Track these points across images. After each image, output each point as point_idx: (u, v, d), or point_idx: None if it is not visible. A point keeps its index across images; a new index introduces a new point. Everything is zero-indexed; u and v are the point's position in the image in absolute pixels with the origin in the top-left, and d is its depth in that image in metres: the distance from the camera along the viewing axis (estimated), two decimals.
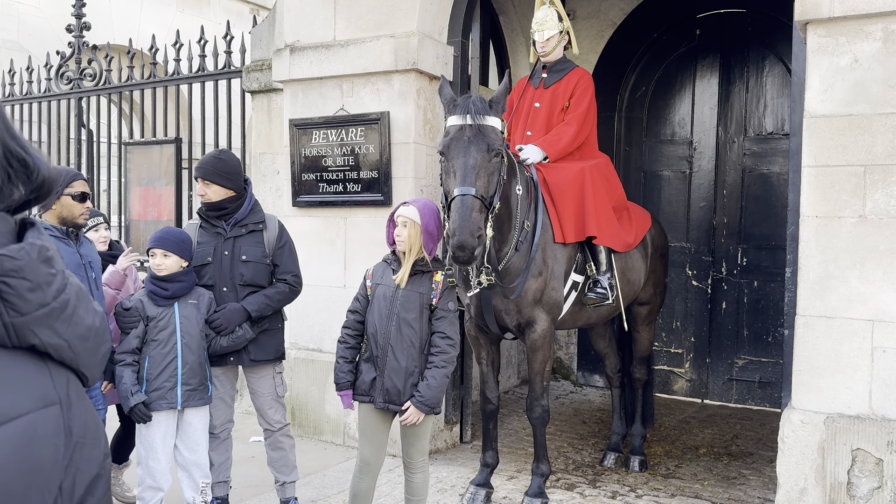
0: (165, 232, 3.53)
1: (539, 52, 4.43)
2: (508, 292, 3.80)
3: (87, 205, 3.34)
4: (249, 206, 3.70)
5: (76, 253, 3.30)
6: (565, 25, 4.41)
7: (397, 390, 3.17)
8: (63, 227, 3.28)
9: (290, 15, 5.32)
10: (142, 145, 6.77)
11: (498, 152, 3.41)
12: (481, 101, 3.45)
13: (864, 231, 3.51)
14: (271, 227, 3.73)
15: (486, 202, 3.35)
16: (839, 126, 3.56)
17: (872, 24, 3.50)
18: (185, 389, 3.41)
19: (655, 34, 6.99)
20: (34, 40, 9.18)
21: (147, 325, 3.40)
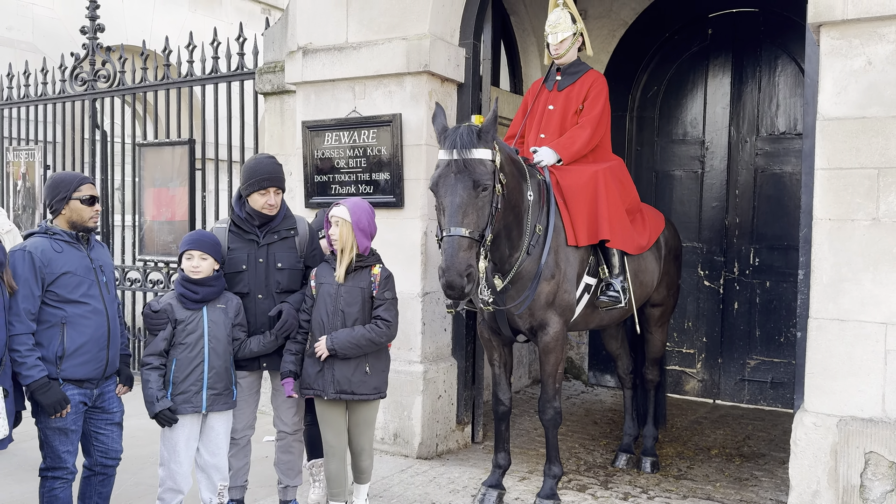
0: (201, 234, 3.52)
1: (553, 55, 4.43)
2: (513, 309, 3.86)
3: (95, 208, 3.32)
4: (283, 213, 3.70)
5: (86, 257, 3.29)
6: (579, 27, 4.41)
7: (347, 380, 3.50)
8: (73, 232, 3.27)
9: (303, 17, 5.35)
10: (155, 146, 6.82)
11: (486, 187, 3.41)
12: (469, 134, 3.43)
13: (877, 234, 3.50)
14: (301, 230, 3.73)
15: (478, 236, 3.38)
16: (852, 128, 3.55)
17: (886, 26, 3.49)
18: (210, 394, 3.42)
19: (667, 34, 6.98)
20: (48, 41, 9.25)
21: (175, 329, 3.40)
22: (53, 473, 3.26)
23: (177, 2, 10.93)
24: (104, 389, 3.36)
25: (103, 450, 3.41)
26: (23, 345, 3.05)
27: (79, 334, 3.19)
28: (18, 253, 3.14)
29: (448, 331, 5.21)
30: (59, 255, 3.18)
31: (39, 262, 3.12)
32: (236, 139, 6.40)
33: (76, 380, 3.21)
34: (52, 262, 3.15)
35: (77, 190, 3.26)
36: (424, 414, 4.90)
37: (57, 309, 3.15)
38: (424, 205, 4.91)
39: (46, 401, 3.07)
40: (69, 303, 3.17)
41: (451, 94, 5.15)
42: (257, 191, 3.56)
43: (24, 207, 7.84)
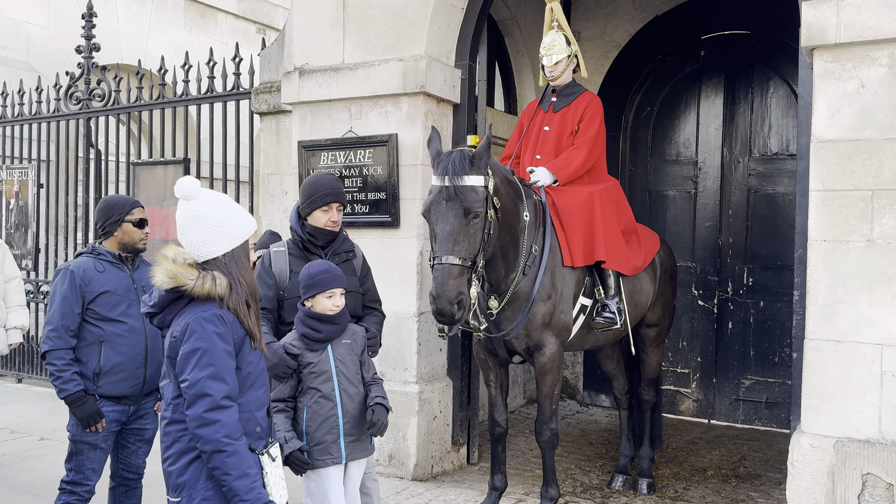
0: (331, 266, 3.17)
1: (548, 77, 4.46)
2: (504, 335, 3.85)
3: (145, 230, 3.47)
4: (343, 235, 3.58)
5: (129, 277, 3.42)
6: (573, 49, 4.45)
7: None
8: (117, 253, 3.42)
9: (300, 38, 5.37)
10: (150, 165, 6.81)
11: (477, 214, 3.41)
12: (461, 160, 3.43)
13: (872, 255, 3.52)
14: (358, 254, 3.61)
15: (469, 263, 3.38)
16: (846, 151, 3.58)
17: (879, 50, 3.53)
18: (348, 441, 3.09)
19: (660, 55, 7.04)
20: (43, 60, 9.26)
21: (301, 373, 3.10)
22: (73, 489, 3.33)
23: (172, 21, 10.97)
24: (141, 405, 3.44)
25: (126, 463, 3.49)
26: (60, 359, 3.21)
27: (115, 352, 3.30)
28: (62, 271, 3.32)
29: (443, 350, 5.19)
30: (101, 275, 3.33)
31: (80, 281, 3.27)
32: (231, 158, 6.40)
33: (113, 396, 3.31)
34: (92, 281, 3.30)
35: (129, 213, 3.42)
36: (420, 435, 4.87)
37: (95, 327, 3.29)
38: (420, 224, 4.92)
39: (81, 414, 3.22)
40: (107, 321, 3.30)
41: (447, 115, 5.17)
42: (320, 207, 3.43)
43: (16, 226, 7.81)
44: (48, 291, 7.63)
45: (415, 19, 4.94)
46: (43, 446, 5.55)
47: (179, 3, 11.08)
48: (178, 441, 2.28)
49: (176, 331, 2.28)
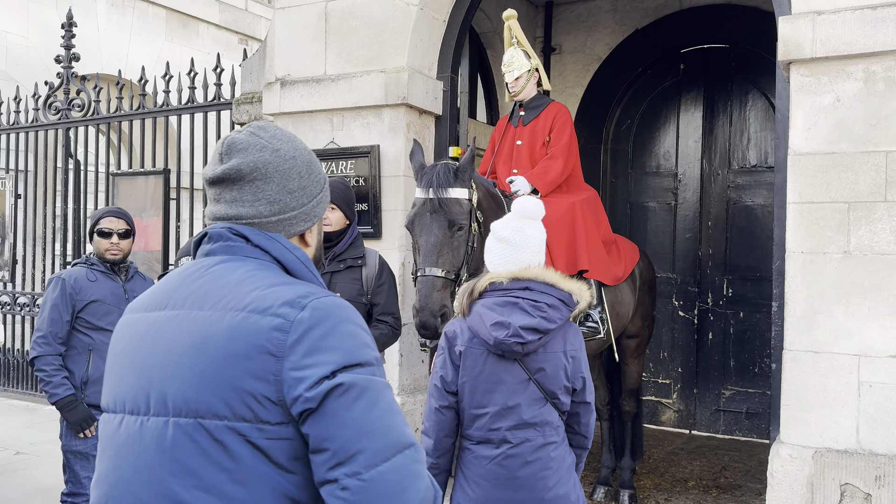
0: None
1: (511, 92, 4.51)
2: None
3: (112, 240, 3.43)
4: (350, 240, 3.50)
5: (121, 287, 3.44)
6: (534, 63, 4.48)
7: None
8: (107, 264, 3.45)
9: (281, 49, 5.37)
10: (129, 176, 6.76)
11: (461, 226, 3.41)
12: (446, 173, 3.42)
13: (848, 267, 3.56)
14: (371, 262, 3.53)
15: (452, 276, 3.37)
16: (823, 163, 3.63)
17: (854, 64, 3.59)
18: None
19: (640, 68, 7.11)
20: (22, 69, 9.18)
21: None
22: (74, 500, 3.33)
23: (154, 31, 10.92)
24: None
25: None
26: (49, 365, 3.25)
27: (104, 361, 3.27)
28: (54, 279, 3.37)
29: (425, 362, 5.18)
30: (92, 284, 3.36)
31: (71, 289, 3.31)
32: None
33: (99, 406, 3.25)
34: (83, 290, 3.34)
35: (97, 223, 3.44)
36: None
37: (85, 335, 3.33)
38: (402, 235, 4.91)
39: (73, 418, 3.24)
40: (97, 330, 3.34)
41: (429, 126, 5.18)
42: None
43: None
44: (25, 303, 7.53)
45: (397, 31, 4.95)
46: (19, 461, 5.46)
47: (161, 14, 11.04)
48: (566, 458, 2.47)
49: (575, 349, 2.45)
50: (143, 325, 1.26)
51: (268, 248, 1.28)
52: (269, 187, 1.30)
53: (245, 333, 1.15)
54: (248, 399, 1.13)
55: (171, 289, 1.28)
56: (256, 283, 1.21)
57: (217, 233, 1.30)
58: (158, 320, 1.24)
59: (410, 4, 4.89)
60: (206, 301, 1.21)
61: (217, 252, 1.29)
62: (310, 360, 1.13)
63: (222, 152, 1.32)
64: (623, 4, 7.14)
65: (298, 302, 1.17)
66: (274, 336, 1.14)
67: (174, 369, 1.18)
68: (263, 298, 1.17)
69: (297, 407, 1.12)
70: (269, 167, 1.30)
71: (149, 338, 1.24)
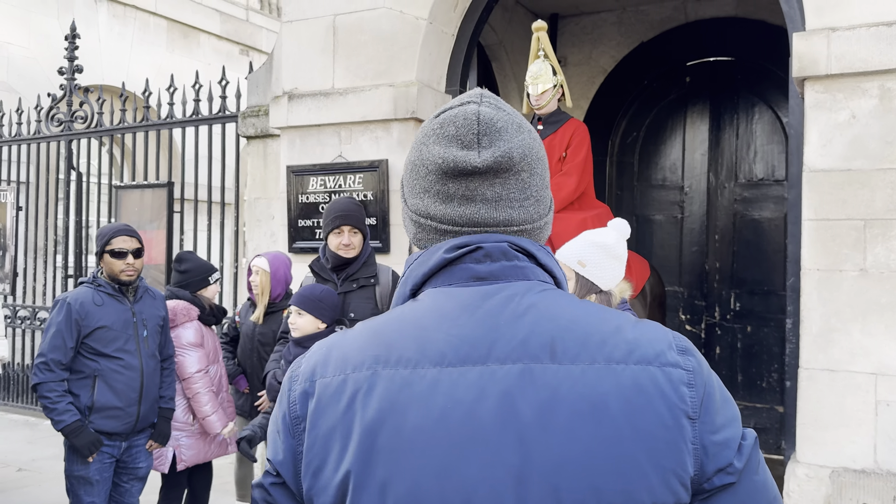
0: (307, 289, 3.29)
1: (533, 105, 4.47)
2: None
3: (127, 261, 3.29)
4: (364, 259, 3.47)
5: (128, 310, 3.30)
6: (559, 79, 4.46)
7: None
8: (115, 285, 3.31)
9: (289, 63, 5.34)
10: (133, 189, 6.72)
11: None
12: None
13: (865, 285, 3.54)
14: (384, 280, 3.48)
15: None
16: (838, 180, 3.61)
17: (869, 81, 3.57)
18: None
19: (646, 81, 7.10)
20: (23, 81, 9.14)
21: None
22: None
23: (155, 42, 10.90)
24: (133, 443, 3.34)
25: (118, 501, 3.40)
26: (52, 391, 3.13)
27: (109, 388, 3.21)
28: (60, 302, 3.23)
29: None
30: (98, 309, 3.23)
31: (77, 314, 3.18)
32: (217, 181, 6.34)
33: (104, 432, 3.22)
34: (89, 315, 3.20)
35: (109, 243, 3.29)
36: None
37: (91, 361, 3.20)
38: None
39: (81, 442, 3.14)
40: (103, 356, 3.21)
41: None
42: (332, 231, 3.38)
43: None
44: (26, 316, 7.47)
45: (406, 45, 4.93)
46: (21, 478, 5.40)
47: (162, 24, 11.02)
48: None
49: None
50: (456, 389, 0.87)
51: (552, 269, 0.99)
52: (534, 181, 0.98)
53: (652, 393, 0.87)
54: (669, 479, 0.85)
55: (472, 333, 0.90)
56: (606, 321, 0.93)
57: (499, 249, 0.95)
58: (483, 380, 0.87)
59: (420, 19, 4.87)
60: (556, 350, 0.89)
61: (500, 275, 0.95)
62: (721, 418, 0.90)
63: (479, 132, 0.95)
64: (628, 17, 7.14)
65: (680, 345, 0.92)
66: (684, 393, 0.88)
67: (559, 449, 0.84)
68: (642, 344, 0.90)
69: (717, 480, 0.88)
70: (532, 154, 0.98)
71: (481, 406, 0.86)
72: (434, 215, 0.98)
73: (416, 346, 0.90)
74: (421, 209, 0.99)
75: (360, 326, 0.98)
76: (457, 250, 0.95)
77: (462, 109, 0.97)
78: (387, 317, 0.97)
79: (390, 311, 0.99)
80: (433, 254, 0.97)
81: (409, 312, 0.95)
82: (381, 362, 0.91)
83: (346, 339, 0.96)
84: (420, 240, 1.00)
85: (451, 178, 0.96)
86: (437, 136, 0.97)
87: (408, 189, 1.02)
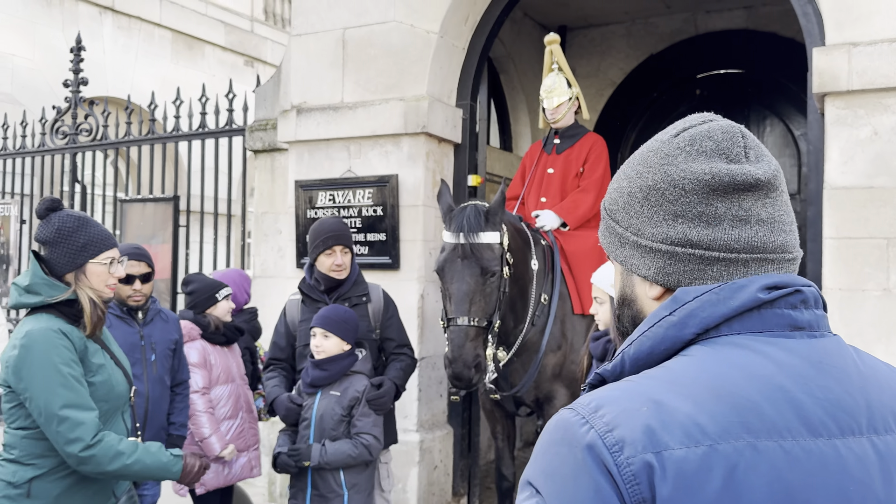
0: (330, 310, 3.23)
1: (549, 119, 4.41)
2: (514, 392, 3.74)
3: (135, 286, 3.19)
4: (354, 278, 3.44)
5: (137, 333, 3.20)
6: (575, 91, 4.40)
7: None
8: (123, 307, 3.21)
9: (297, 76, 5.29)
10: (138, 202, 6.65)
11: (494, 272, 3.30)
12: (476, 216, 3.31)
13: (888, 304, 3.46)
14: (375, 297, 3.46)
15: (485, 323, 3.28)
16: (860, 198, 3.54)
17: (891, 97, 3.50)
18: (313, 494, 3.09)
19: (655, 93, 7.05)
20: (28, 93, 9.11)
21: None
22: None
23: (159, 54, 10.87)
24: None
25: None
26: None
27: None
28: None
29: (443, 396, 5.05)
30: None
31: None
32: (223, 193, 6.28)
33: None
34: None
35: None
36: (420, 486, 4.71)
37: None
38: (421, 266, 4.80)
39: None
40: None
41: (448, 155, 5.09)
42: (322, 252, 3.33)
43: None
44: None
45: (416, 59, 4.87)
46: None
47: (166, 36, 11.00)
48: None
49: None
50: (847, 466, 0.75)
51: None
52: (789, 202, 0.92)
53: None
54: None
55: (839, 398, 0.78)
56: None
57: (813, 295, 0.86)
58: (867, 453, 0.77)
59: (431, 32, 4.82)
60: None
61: (815, 325, 0.84)
62: None
63: (745, 145, 0.89)
64: (637, 29, 7.09)
65: None
66: None
67: None
68: None
69: None
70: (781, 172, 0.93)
71: (874, 485, 0.76)
72: (698, 241, 0.85)
73: (787, 411, 0.75)
74: (674, 237, 0.86)
75: (661, 374, 0.80)
76: (771, 291, 0.82)
77: (712, 125, 0.91)
78: (700, 365, 0.79)
79: (691, 358, 0.80)
80: (735, 291, 0.81)
81: (735, 362, 0.78)
82: (753, 431, 0.73)
83: (666, 395, 0.76)
84: (672, 274, 0.86)
85: (720, 195, 0.85)
86: (689, 154, 0.87)
87: (642, 218, 0.89)
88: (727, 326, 0.82)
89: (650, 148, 0.91)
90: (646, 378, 0.80)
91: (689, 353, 0.81)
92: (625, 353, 0.84)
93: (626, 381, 0.81)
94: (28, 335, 2.14)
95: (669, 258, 0.86)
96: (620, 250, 0.92)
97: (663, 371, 0.80)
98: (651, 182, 0.88)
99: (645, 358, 0.83)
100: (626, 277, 0.93)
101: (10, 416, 2.20)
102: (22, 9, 9.33)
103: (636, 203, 0.90)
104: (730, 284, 0.82)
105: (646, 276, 0.89)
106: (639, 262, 0.89)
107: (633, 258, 0.90)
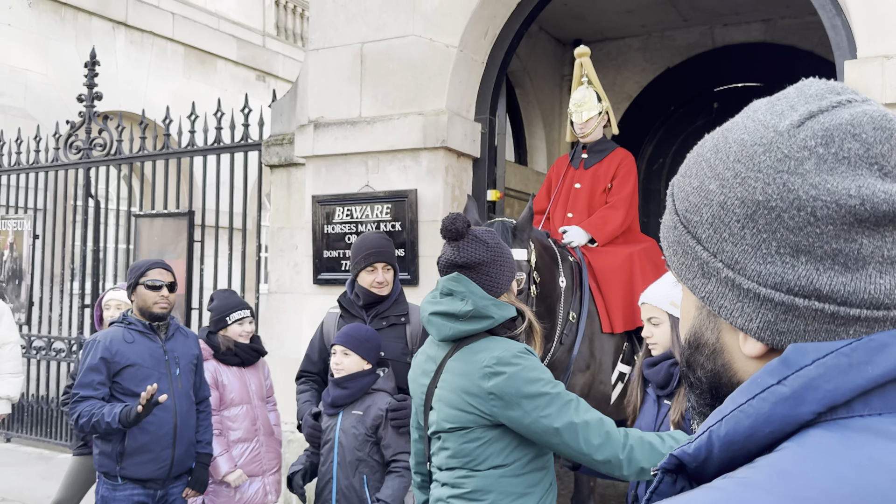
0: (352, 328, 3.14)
1: (578, 133, 4.34)
2: None
3: (162, 293, 3.19)
4: (395, 297, 3.33)
5: (160, 348, 3.19)
6: (605, 105, 4.34)
7: None
8: (146, 322, 3.19)
9: (314, 91, 5.25)
10: (152, 217, 6.61)
11: (521, 291, 3.22)
12: (504, 233, 3.24)
13: None
14: (415, 319, 3.30)
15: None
16: None
17: None
18: None
19: (672, 107, 7.00)
20: (41, 107, 9.11)
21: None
22: None
23: (171, 69, 10.88)
24: (170, 490, 3.18)
25: None
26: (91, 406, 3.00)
27: (141, 431, 3.05)
28: (90, 342, 3.15)
29: None
30: (129, 346, 3.12)
31: (107, 353, 3.07)
32: (237, 208, 6.23)
33: (138, 479, 3.07)
34: (119, 353, 3.09)
35: (144, 275, 3.19)
36: None
37: (120, 402, 3.05)
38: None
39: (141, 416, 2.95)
40: (134, 396, 3.05)
41: (467, 169, 5.03)
42: (364, 268, 3.23)
43: (9, 279, 7.55)
44: (41, 346, 7.34)
45: (435, 73, 4.83)
46: None
47: (179, 51, 11.01)
48: None
49: None
50: None
51: None
52: None
53: None
54: None
55: None
56: None
57: None
58: None
59: (450, 46, 4.77)
60: None
61: None
62: None
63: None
64: (654, 43, 7.05)
65: None
66: None
67: None
68: None
69: None
70: None
71: None
72: (831, 292, 0.59)
73: None
74: (793, 282, 0.60)
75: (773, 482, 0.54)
76: None
77: (856, 112, 0.63)
78: (830, 467, 0.53)
79: (813, 454, 0.55)
80: (874, 353, 0.57)
81: (882, 462, 0.53)
82: None
83: None
84: (787, 333, 0.61)
85: (869, 228, 0.58)
86: (822, 160, 0.60)
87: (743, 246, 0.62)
88: (863, 404, 0.57)
89: (755, 138, 0.64)
90: (749, 489, 0.54)
91: (807, 443, 0.56)
92: (712, 432, 0.60)
93: (718, 490, 0.55)
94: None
95: (784, 312, 0.61)
96: (702, 282, 0.65)
97: (775, 476, 0.54)
98: (761, 196, 0.61)
99: (742, 441, 0.59)
100: (706, 317, 0.67)
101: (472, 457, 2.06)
102: (35, 24, 9.35)
103: (733, 221, 0.63)
104: (865, 342, 0.57)
105: (745, 331, 0.63)
106: (733, 306, 0.63)
107: (723, 299, 0.64)
